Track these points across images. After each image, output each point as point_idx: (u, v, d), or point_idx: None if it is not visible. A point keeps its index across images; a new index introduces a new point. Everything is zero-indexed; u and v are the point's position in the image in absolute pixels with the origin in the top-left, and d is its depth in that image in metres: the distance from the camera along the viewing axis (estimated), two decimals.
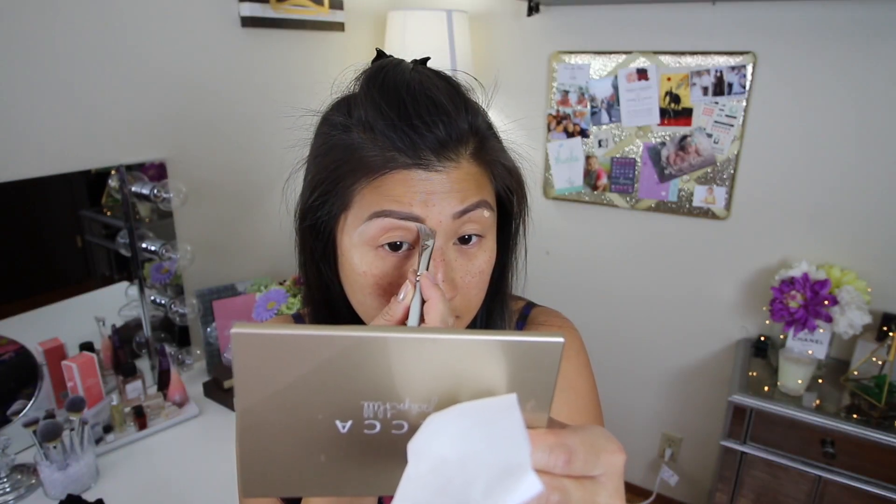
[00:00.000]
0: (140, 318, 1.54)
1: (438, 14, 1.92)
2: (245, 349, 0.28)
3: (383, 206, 0.49)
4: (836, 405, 1.60)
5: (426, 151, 0.48)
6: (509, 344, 0.29)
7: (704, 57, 1.80)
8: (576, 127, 2.05)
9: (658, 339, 2.13)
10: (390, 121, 0.49)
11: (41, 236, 1.35)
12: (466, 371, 0.30)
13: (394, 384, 0.29)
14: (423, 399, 0.30)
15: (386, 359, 0.29)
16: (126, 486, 1.20)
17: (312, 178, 0.54)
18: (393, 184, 0.49)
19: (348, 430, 0.31)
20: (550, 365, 0.30)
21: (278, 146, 1.88)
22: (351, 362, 0.29)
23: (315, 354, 0.29)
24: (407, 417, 0.30)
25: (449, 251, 0.51)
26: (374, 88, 0.51)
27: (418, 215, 0.48)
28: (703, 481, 2.16)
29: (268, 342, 0.28)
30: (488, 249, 0.54)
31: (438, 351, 0.29)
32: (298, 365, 0.29)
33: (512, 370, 0.30)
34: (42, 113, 1.28)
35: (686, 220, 1.98)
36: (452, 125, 0.49)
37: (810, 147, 1.74)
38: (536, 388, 0.30)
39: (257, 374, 0.29)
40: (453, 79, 0.55)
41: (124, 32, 1.40)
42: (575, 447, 0.30)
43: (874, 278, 1.70)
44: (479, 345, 0.29)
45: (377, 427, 0.31)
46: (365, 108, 0.50)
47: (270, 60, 1.80)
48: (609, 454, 0.32)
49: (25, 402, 1.27)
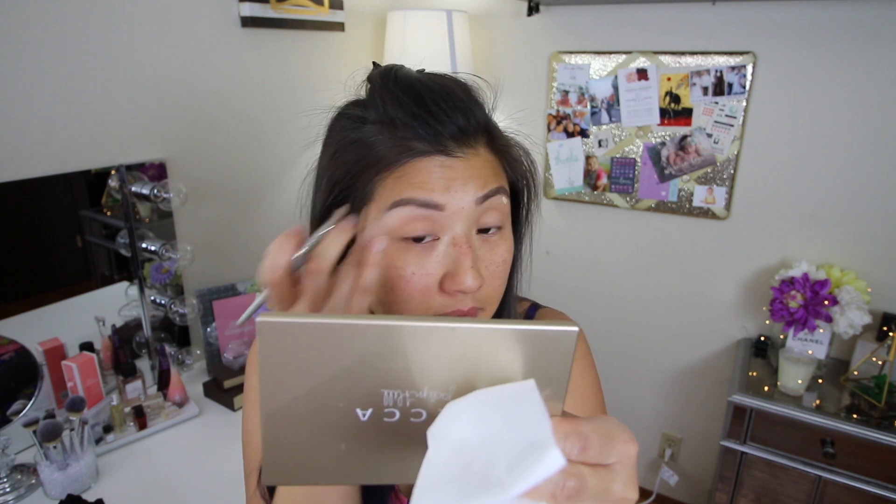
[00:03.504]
0: (140, 318, 1.54)
1: (438, 14, 1.92)
2: (271, 338, 0.29)
3: (404, 193, 0.48)
4: (836, 405, 1.60)
5: (446, 139, 0.49)
6: (525, 333, 0.30)
7: (704, 57, 1.80)
8: (576, 127, 2.05)
9: (658, 339, 2.13)
10: (410, 110, 0.49)
11: (41, 236, 1.35)
12: (483, 360, 0.30)
13: (412, 372, 0.30)
14: (441, 387, 0.31)
15: (405, 347, 0.30)
16: (126, 486, 1.20)
17: (331, 177, 0.53)
18: (415, 172, 0.49)
19: (368, 419, 0.31)
20: (565, 354, 0.31)
21: (278, 146, 1.88)
22: (372, 350, 0.30)
23: (338, 343, 0.29)
24: (425, 406, 0.31)
25: (473, 240, 0.51)
26: (390, 83, 0.52)
27: (439, 202, 0.48)
28: (703, 481, 2.16)
29: (294, 330, 0.29)
30: (508, 239, 0.54)
31: (455, 340, 0.30)
32: (322, 353, 0.30)
33: (527, 359, 0.30)
34: (42, 113, 1.28)
35: (686, 221, 1.98)
36: (470, 113, 0.51)
37: (810, 147, 1.74)
38: (551, 376, 0.31)
39: (282, 363, 0.30)
40: (458, 77, 0.56)
41: (124, 32, 1.40)
42: (589, 435, 0.30)
43: (874, 278, 1.70)
44: (495, 333, 0.30)
45: (396, 415, 0.31)
46: (383, 101, 0.51)
47: (270, 60, 1.80)
48: (622, 443, 0.32)
49: (25, 402, 1.27)
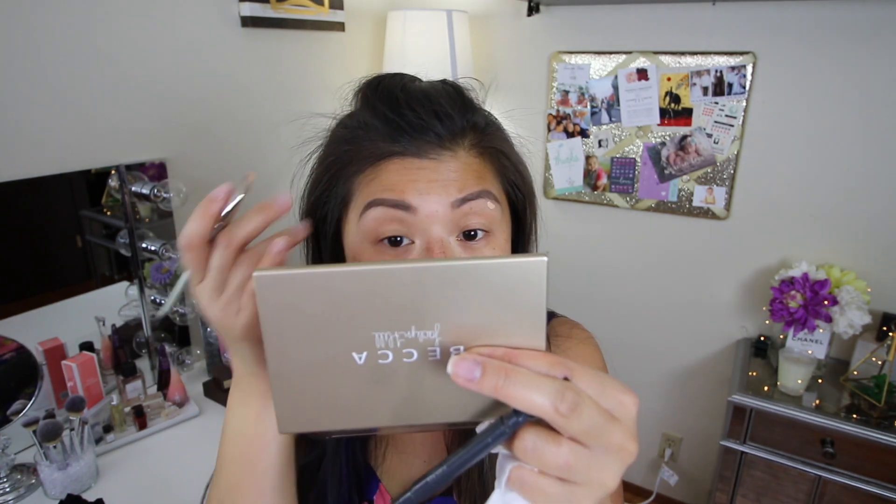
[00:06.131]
0: (140, 318, 1.54)
1: (438, 14, 1.92)
2: (269, 292, 0.31)
3: (376, 195, 0.49)
4: (836, 405, 1.60)
5: (420, 141, 0.49)
6: (494, 265, 0.32)
7: (704, 57, 1.80)
8: (576, 127, 2.05)
9: (658, 339, 2.13)
10: (384, 115, 0.50)
11: (41, 236, 1.35)
12: (460, 295, 0.32)
13: (398, 313, 0.32)
14: (426, 326, 0.32)
15: (388, 289, 0.32)
16: (126, 486, 1.20)
17: (315, 178, 0.55)
18: (387, 173, 0.49)
19: (365, 362, 0.33)
20: (538, 283, 0.32)
21: (278, 146, 1.88)
22: (359, 295, 0.32)
23: (330, 291, 0.32)
24: (415, 345, 0.33)
25: (451, 246, 0.49)
26: (370, 90, 0.53)
27: (411, 203, 0.47)
28: (703, 481, 2.16)
29: (289, 282, 0.31)
30: (498, 248, 0.51)
31: (432, 278, 0.31)
32: (316, 302, 0.32)
33: (501, 291, 0.32)
34: (42, 113, 1.27)
35: (686, 221, 1.98)
36: (447, 117, 0.50)
37: (810, 147, 1.74)
38: (527, 307, 0.32)
39: (282, 315, 0.32)
40: (452, 81, 0.55)
41: (124, 32, 1.40)
42: (577, 368, 0.31)
43: (874, 278, 1.70)
44: (467, 269, 0.32)
45: (390, 356, 0.33)
46: (364, 108, 0.53)
47: (270, 60, 1.80)
48: (618, 391, 0.31)
49: (25, 402, 1.27)
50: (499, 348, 0.32)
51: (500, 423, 0.31)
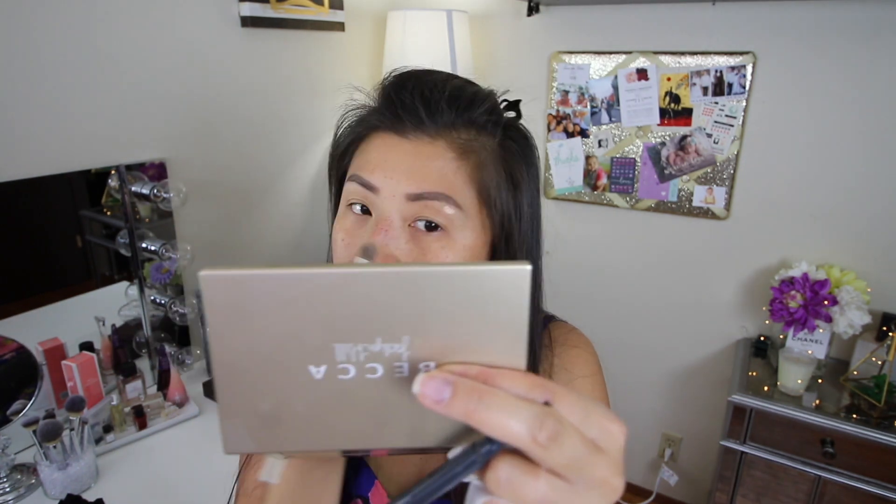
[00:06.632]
0: (140, 318, 1.54)
1: (438, 14, 1.92)
2: (216, 293, 0.28)
3: (355, 170, 0.52)
4: (836, 405, 1.60)
5: (403, 120, 0.51)
6: (471, 272, 0.28)
7: (704, 57, 1.80)
8: (576, 127, 2.05)
9: (658, 339, 2.13)
10: (388, 93, 0.53)
11: (41, 236, 1.35)
12: (433, 305, 0.28)
13: (362, 323, 0.28)
14: (393, 338, 0.29)
15: (351, 296, 0.28)
16: (126, 486, 1.20)
17: (332, 153, 0.60)
18: (371, 148, 0.52)
19: (323, 377, 0.29)
20: (520, 293, 0.28)
21: (278, 145, 1.88)
22: (318, 301, 0.28)
23: (284, 295, 0.28)
24: (380, 360, 0.29)
25: (398, 228, 0.49)
26: (392, 75, 0.56)
27: (375, 185, 0.50)
28: (703, 481, 2.16)
29: (238, 284, 0.28)
30: (452, 252, 0.50)
31: (402, 285, 0.28)
32: (269, 307, 0.28)
33: (479, 302, 0.28)
34: (42, 113, 1.27)
35: (686, 221, 1.98)
36: (435, 103, 0.51)
37: (810, 147, 1.74)
38: (507, 319, 0.29)
39: (230, 320, 0.28)
40: (470, 80, 0.57)
41: (124, 32, 1.40)
42: (559, 391, 0.28)
43: (874, 278, 1.70)
44: (442, 275, 0.28)
45: (351, 372, 0.29)
46: (375, 92, 0.56)
47: (270, 60, 1.80)
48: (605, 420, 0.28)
49: (25, 402, 1.27)
50: (473, 366, 0.29)
51: (472, 451, 0.27)
